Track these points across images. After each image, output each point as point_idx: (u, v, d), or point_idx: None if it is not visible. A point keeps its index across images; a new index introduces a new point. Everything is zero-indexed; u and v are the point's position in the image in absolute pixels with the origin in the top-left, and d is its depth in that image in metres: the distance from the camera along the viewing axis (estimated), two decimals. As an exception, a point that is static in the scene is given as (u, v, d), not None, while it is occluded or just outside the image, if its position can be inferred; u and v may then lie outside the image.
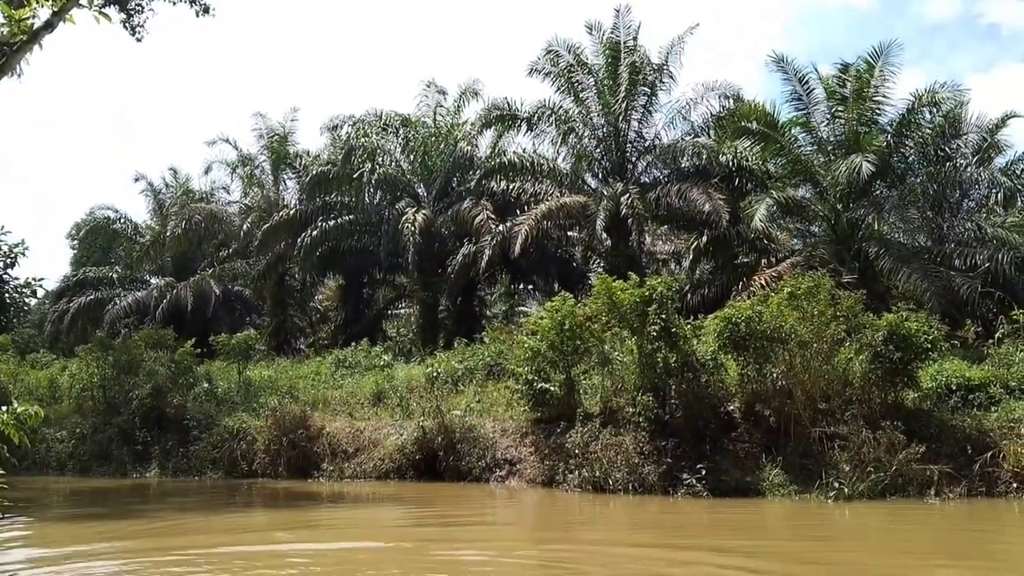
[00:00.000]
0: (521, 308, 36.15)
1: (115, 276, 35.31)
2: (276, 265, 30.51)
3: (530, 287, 32.53)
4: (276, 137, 32.85)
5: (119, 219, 36.17)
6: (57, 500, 17.76)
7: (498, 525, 14.19)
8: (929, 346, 15.09)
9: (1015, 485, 13.87)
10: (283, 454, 19.42)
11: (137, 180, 36.31)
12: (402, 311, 37.00)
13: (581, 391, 17.62)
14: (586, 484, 15.68)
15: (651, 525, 13.57)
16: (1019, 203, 23.88)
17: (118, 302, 32.31)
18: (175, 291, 31.72)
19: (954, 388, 15.55)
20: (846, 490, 13.90)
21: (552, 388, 17.38)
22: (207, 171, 35.44)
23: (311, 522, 14.28)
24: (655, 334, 15.94)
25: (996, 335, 17.63)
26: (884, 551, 11.23)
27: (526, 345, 17.86)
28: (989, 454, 14.12)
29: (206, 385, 22.77)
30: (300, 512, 15.22)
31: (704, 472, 14.89)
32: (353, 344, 25.86)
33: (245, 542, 12.15)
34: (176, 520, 14.16)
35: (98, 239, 38.08)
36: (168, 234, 31.96)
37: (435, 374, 20.93)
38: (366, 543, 12.12)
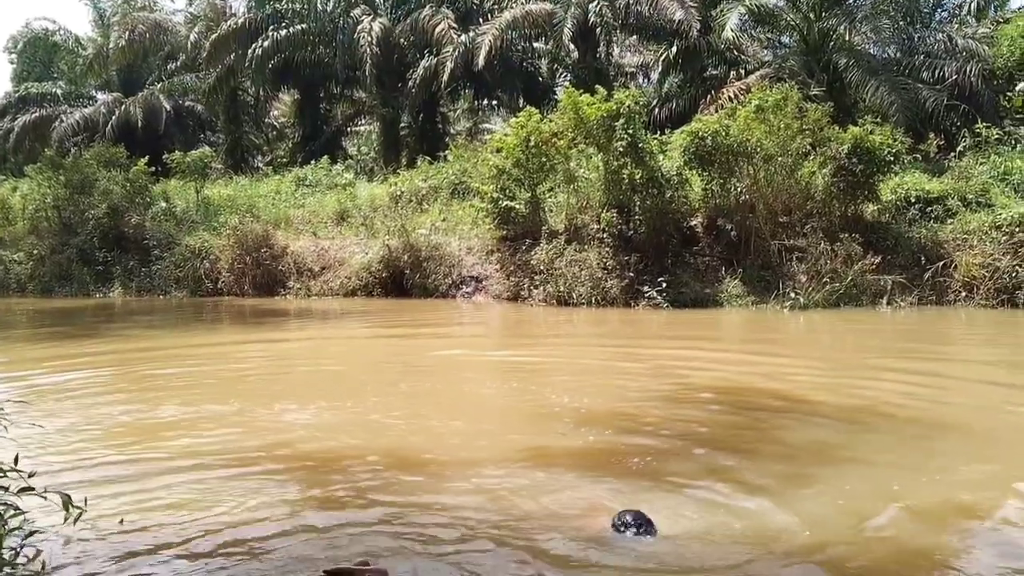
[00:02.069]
0: (485, 125, 35.42)
1: (59, 92, 33.71)
2: (227, 79, 29.12)
3: (494, 103, 31.68)
4: (218, -64, 30.42)
5: (58, 31, 34.09)
6: (21, 319, 17.70)
7: (465, 329, 14.54)
8: (892, 159, 15.21)
9: (963, 294, 14.45)
10: (248, 273, 19.47)
11: (73, -14, 33.88)
12: (362, 128, 36.10)
13: (546, 208, 17.63)
14: (551, 299, 16.03)
15: (613, 329, 13.97)
16: (991, 14, 23.34)
17: (65, 119, 31.04)
18: (123, 107, 30.44)
19: (913, 200, 15.85)
20: (802, 300, 14.38)
21: (517, 206, 17.36)
22: (148, -25, 33.08)
23: (281, 330, 14.45)
24: (622, 150, 15.78)
25: (958, 148, 17.75)
26: (832, 346, 11.92)
27: (491, 163, 17.64)
28: (941, 264, 14.61)
29: (163, 204, 22.34)
30: (270, 324, 15.36)
31: (665, 285, 15.25)
32: (312, 162, 25.33)
33: (219, 346, 12.28)
34: (146, 333, 14.24)
35: (38, 53, 36.01)
36: (111, 46, 30.24)
37: (399, 193, 20.76)
38: (336, 348, 12.32)
